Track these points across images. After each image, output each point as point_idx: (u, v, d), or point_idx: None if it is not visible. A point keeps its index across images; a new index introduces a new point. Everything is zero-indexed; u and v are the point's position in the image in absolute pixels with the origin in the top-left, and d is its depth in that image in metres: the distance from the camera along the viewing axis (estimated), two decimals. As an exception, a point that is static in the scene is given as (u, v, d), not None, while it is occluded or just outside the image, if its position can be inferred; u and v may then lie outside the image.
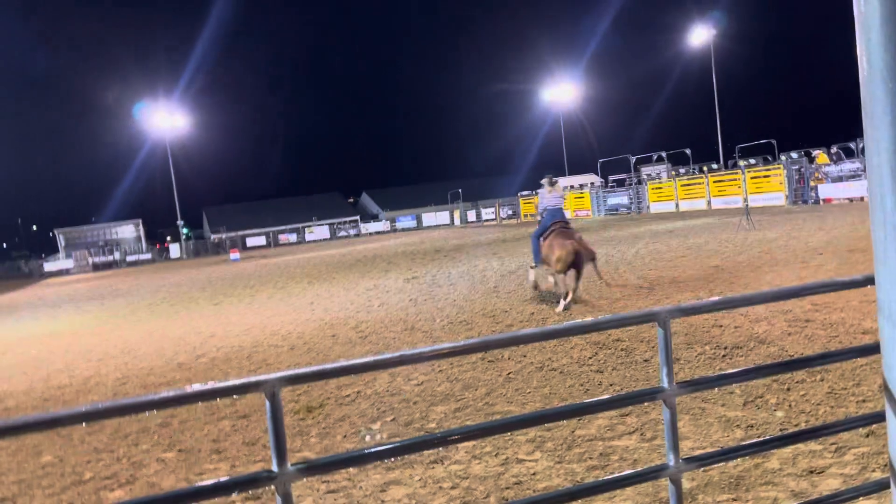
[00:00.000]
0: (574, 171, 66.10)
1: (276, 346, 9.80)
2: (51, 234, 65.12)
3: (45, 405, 7.97)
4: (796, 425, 4.70)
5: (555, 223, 10.55)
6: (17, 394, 8.64)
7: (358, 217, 72.25)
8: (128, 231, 62.96)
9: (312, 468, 2.00)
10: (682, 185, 35.01)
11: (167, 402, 1.86)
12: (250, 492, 4.53)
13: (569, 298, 9.90)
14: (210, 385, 1.90)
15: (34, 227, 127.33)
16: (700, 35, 49.30)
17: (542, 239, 10.72)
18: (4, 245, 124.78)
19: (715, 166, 41.68)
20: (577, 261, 9.92)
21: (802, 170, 28.67)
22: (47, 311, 20.53)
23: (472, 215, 59.36)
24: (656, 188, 37.26)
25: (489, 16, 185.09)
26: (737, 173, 32.01)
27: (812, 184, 28.00)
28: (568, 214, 12.53)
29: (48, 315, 19.06)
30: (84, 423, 1.67)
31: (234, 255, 41.88)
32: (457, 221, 58.83)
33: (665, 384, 2.25)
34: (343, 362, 2.01)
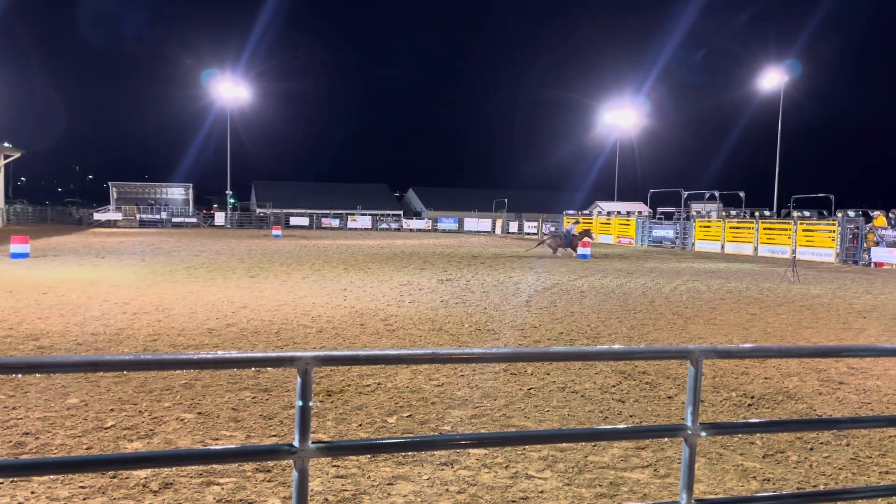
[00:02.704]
0: (623, 196, 65.50)
1: (304, 327, 9.93)
2: (104, 185, 66.90)
3: (78, 349, 8.22)
4: (815, 486, 4.61)
5: (568, 235, 28.03)
6: (53, 334, 8.92)
7: (401, 212, 72.61)
8: (178, 193, 64.30)
9: (332, 449, 2.05)
10: (730, 227, 34.43)
11: (204, 363, 1.93)
12: (260, 464, 4.61)
13: (560, 254, 27.37)
14: (246, 353, 1.96)
15: (90, 177, 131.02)
16: (771, 80, 48.33)
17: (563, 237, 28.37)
18: (59, 189, 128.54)
19: (767, 213, 40.86)
20: (558, 245, 27.70)
21: (858, 229, 27.97)
22: (91, 259, 21.10)
23: (514, 226, 59.23)
24: (704, 226, 36.71)
25: (554, 32, 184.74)
26: (788, 223, 31.36)
27: (866, 245, 27.29)
28: (572, 230, 28.54)
29: (91, 263, 19.60)
30: (125, 372, 1.74)
31: (277, 231, 42.49)
32: (498, 230, 58.77)
33: (689, 422, 2.25)
34: (376, 351, 2.06)
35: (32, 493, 4.16)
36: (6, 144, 48.56)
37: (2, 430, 5.22)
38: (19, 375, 6.45)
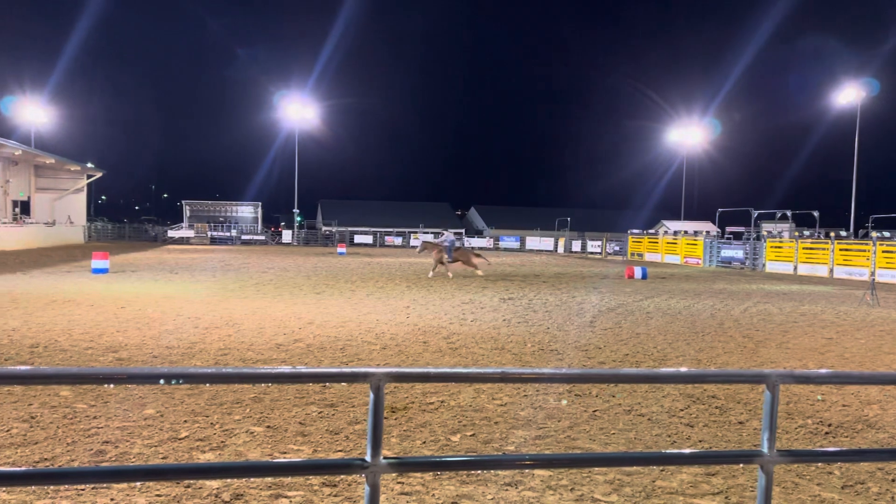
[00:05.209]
0: (690, 216, 64.07)
1: (369, 343, 10.05)
2: (178, 203, 69.44)
3: (154, 362, 8.53)
4: (898, 521, 4.39)
5: (449, 248, 23.49)
6: (130, 347, 9.29)
7: (464, 230, 72.83)
8: (247, 211, 66.16)
9: (403, 464, 2.08)
10: (803, 248, 33.25)
11: (281, 378, 2.00)
12: (328, 479, 4.68)
13: (437, 271, 23.61)
14: (321, 369, 2.01)
15: (165, 196, 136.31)
16: (847, 96, 46.63)
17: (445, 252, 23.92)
18: (136, 208, 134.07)
19: (843, 233, 39.29)
20: (440, 260, 23.33)
21: (942, 251, 26.60)
22: (165, 275, 21.90)
23: (577, 245, 58.63)
24: (775, 247, 35.56)
25: (621, 51, 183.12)
26: (867, 244, 30.08)
27: (951, 267, 25.92)
28: (458, 242, 25.40)
29: (166, 279, 20.34)
30: (210, 384, 1.82)
31: (341, 249, 43.18)
32: (560, 249, 58.28)
33: (765, 449, 2.19)
34: (446, 369, 2.09)
35: (112, 499, 4.33)
36: (89, 165, 51.05)
37: (84, 438, 5.46)
38: (111, 386, 6.74)
